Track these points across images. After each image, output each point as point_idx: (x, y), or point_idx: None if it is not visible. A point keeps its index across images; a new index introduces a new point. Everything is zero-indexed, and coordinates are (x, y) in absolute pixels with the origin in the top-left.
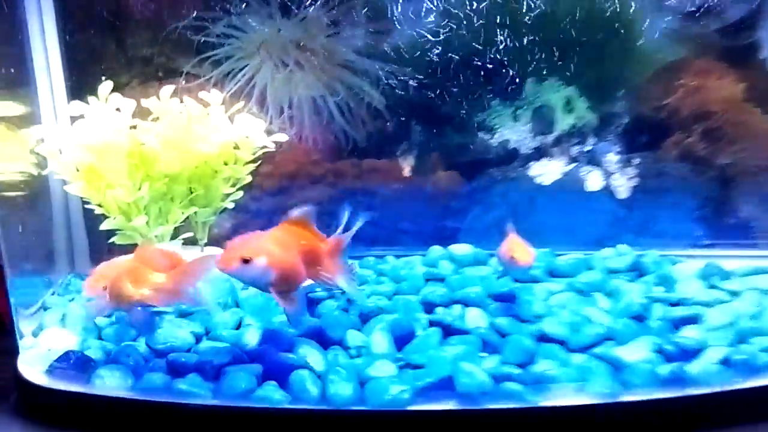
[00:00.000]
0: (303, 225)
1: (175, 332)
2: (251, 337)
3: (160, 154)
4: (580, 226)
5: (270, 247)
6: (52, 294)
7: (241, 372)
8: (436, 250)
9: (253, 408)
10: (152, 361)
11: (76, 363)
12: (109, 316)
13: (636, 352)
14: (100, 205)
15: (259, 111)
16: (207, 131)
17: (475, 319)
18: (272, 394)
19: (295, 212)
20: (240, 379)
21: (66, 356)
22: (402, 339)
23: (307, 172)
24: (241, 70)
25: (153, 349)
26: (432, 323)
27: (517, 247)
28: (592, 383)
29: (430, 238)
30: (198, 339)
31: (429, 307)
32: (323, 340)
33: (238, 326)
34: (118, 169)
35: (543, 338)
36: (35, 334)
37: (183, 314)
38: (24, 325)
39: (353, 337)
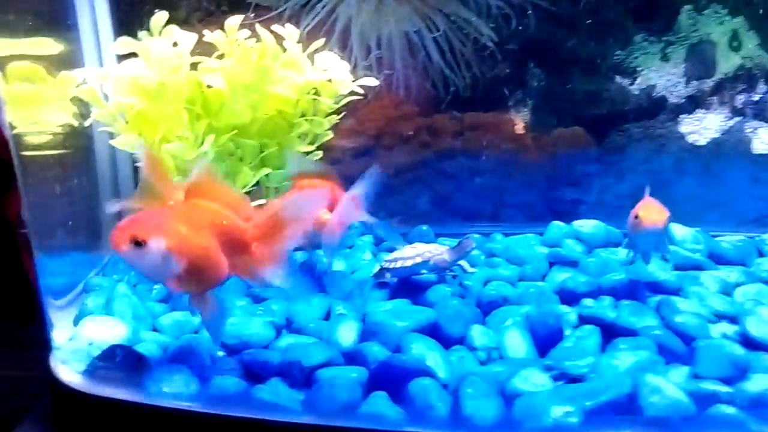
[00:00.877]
0: (218, 193)
1: (248, 323)
2: (347, 332)
3: (226, 99)
4: (741, 200)
5: (173, 227)
6: (97, 274)
7: (340, 378)
8: (557, 226)
9: (360, 429)
10: (222, 361)
11: (124, 361)
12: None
13: None
14: None
15: (341, 53)
16: (284, 71)
17: (637, 315)
18: (385, 410)
19: (198, 172)
20: (340, 388)
21: (111, 352)
22: (544, 340)
23: (396, 128)
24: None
25: (222, 345)
26: (584, 319)
27: (644, 206)
28: None
29: (546, 212)
30: (278, 331)
31: (568, 297)
32: (440, 336)
33: (327, 316)
34: (176, 118)
35: (747, 344)
36: (76, 323)
37: (256, 299)
38: (59, 313)
39: (479, 335)
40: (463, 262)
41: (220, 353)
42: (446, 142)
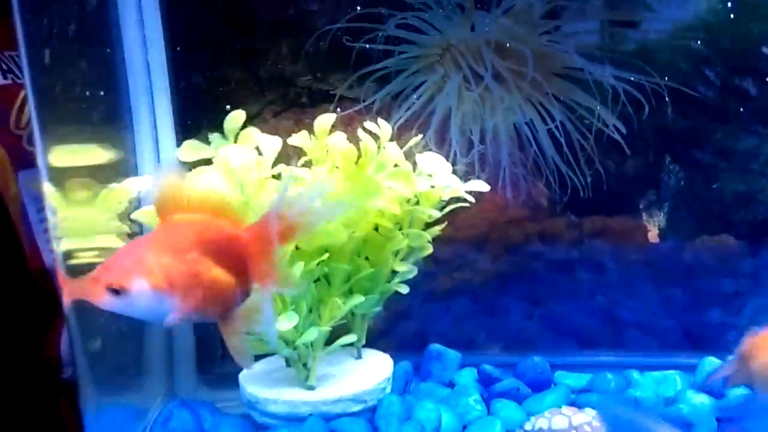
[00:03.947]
0: (196, 200)
1: None
2: None
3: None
4: None
5: (152, 260)
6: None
7: None
8: (712, 362)
9: None
10: None
11: None
12: None
13: None
14: None
15: (437, 150)
16: (390, 182)
17: None
18: None
19: (161, 182)
20: None
21: None
22: None
23: (502, 235)
24: (416, 88)
25: None
26: None
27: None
28: None
29: (684, 338)
30: None
31: None
32: None
33: None
34: None
35: None
36: None
37: None
38: None
39: None
40: None
41: None
42: (561, 251)
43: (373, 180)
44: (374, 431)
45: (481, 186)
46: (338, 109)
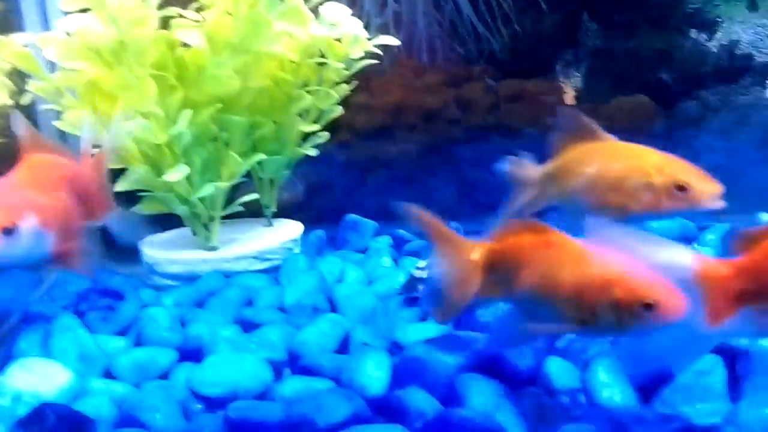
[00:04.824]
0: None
1: (237, 362)
2: (374, 371)
3: (208, 63)
4: None
5: (34, 198)
6: (41, 299)
7: None
8: None
9: None
10: (200, 419)
11: (57, 428)
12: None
13: None
14: None
15: (350, 6)
16: (282, 24)
17: None
18: None
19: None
20: None
21: (40, 414)
22: (650, 377)
23: (419, 101)
24: None
25: (199, 396)
26: None
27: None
28: None
29: None
30: (278, 372)
31: None
32: (505, 375)
33: (343, 347)
34: (141, 89)
35: None
36: (1, 370)
37: (247, 326)
38: None
39: (559, 372)
40: None
41: (198, 406)
42: (479, 117)
43: (264, 18)
44: (276, 285)
45: (391, 40)
46: None
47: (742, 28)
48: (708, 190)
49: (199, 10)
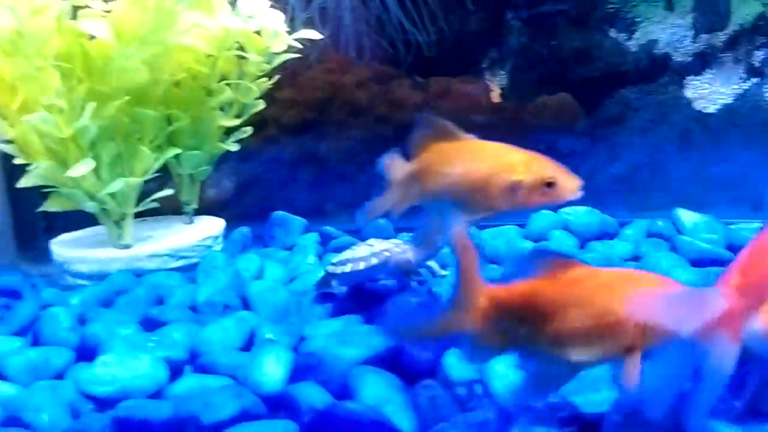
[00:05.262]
0: None
1: (130, 361)
2: (272, 367)
3: (115, 54)
4: (757, 179)
5: None
6: None
7: None
8: (542, 215)
9: None
10: (88, 419)
11: None
12: None
13: None
14: (10, 142)
15: (274, 2)
16: (192, 15)
17: None
18: None
19: None
20: None
21: None
22: None
23: (347, 97)
24: None
25: (90, 396)
26: None
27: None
28: None
29: None
30: (175, 371)
31: None
32: (403, 368)
33: (250, 344)
34: (42, 80)
35: None
36: None
37: (150, 324)
38: None
39: (457, 364)
40: (432, 263)
41: (89, 406)
42: (407, 114)
43: (172, 9)
44: (190, 283)
45: (312, 35)
46: None
47: (660, 27)
48: (571, 184)
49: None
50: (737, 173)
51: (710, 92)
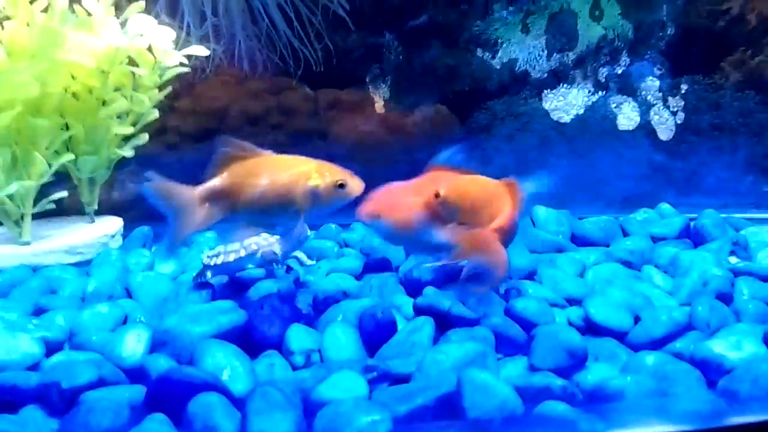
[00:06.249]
0: None
1: (9, 340)
2: (133, 342)
3: (5, 70)
4: (608, 179)
5: None
6: None
7: (103, 401)
8: None
9: None
10: None
11: None
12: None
13: (736, 348)
14: None
15: (170, 20)
16: (76, 36)
17: (481, 304)
18: None
19: None
20: (100, 412)
21: None
22: (374, 336)
23: (241, 108)
24: None
25: None
26: (418, 310)
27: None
28: (679, 398)
29: None
30: (53, 348)
31: (414, 287)
32: (251, 341)
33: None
34: None
35: (590, 329)
36: None
37: (38, 311)
38: None
39: (298, 337)
40: (299, 254)
41: None
42: (300, 122)
43: (56, 30)
44: (83, 276)
45: (201, 50)
46: None
47: (519, 47)
48: (357, 184)
49: (4, 20)
50: (591, 174)
51: (564, 104)
